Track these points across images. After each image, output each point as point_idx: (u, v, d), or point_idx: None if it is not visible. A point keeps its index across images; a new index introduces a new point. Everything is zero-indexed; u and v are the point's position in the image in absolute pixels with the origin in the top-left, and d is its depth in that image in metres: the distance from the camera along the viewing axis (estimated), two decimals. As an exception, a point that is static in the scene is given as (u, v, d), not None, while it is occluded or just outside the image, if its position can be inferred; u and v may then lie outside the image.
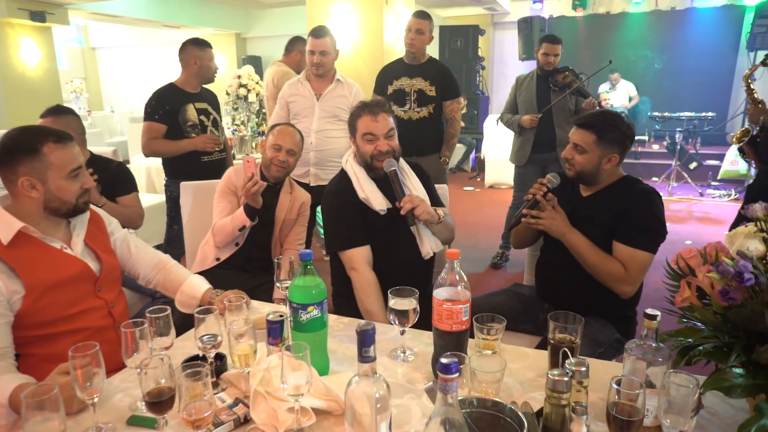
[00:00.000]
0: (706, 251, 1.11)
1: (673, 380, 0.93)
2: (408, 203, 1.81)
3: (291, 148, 2.24)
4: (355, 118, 1.94)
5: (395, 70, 3.44)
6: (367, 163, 1.93)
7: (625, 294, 1.76)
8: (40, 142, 1.37)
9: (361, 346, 0.86)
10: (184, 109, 3.08)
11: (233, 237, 2.15)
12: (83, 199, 1.47)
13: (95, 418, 1.08)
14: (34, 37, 7.48)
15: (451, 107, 3.41)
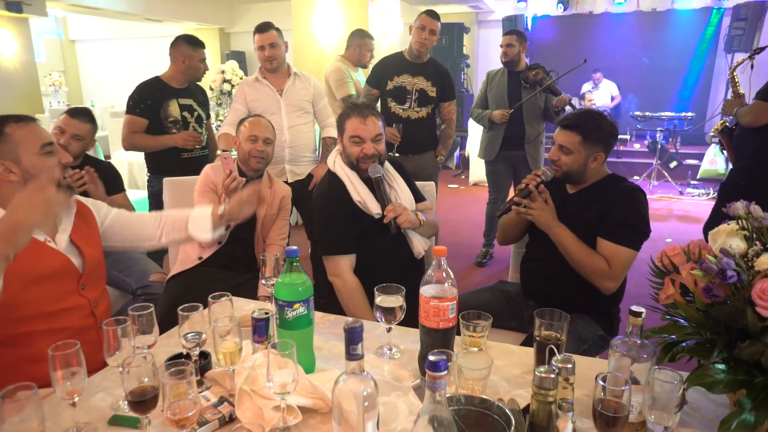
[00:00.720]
0: (689, 249, 1.12)
1: (658, 376, 0.94)
2: (391, 212, 1.83)
3: (267, 136, 2.23)
4: (344, 119, 1.93)
5: (396, 65, 3.40)
6: (353, 164, 1.93)
7: (608, 290, 1.78)
8: (2, 124, 1.36)
9: (349, 343, 0.85)
10: (166, 105, 3.04)
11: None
12: (65, 180, 1.43)
13: (75, 417, 1.06)
14: (10, 28, 7.32)
15: (448, 108, 3.44)
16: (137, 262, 2.55)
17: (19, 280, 1.32)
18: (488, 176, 4.10)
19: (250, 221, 2.22)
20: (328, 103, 3.20)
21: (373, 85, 3.47)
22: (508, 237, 2.12)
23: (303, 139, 3.06)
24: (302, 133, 3.05)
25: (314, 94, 3.10)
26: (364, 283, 1.85)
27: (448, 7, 9.20)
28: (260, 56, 3.01)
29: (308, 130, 3.11)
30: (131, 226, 1.68)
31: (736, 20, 7.49)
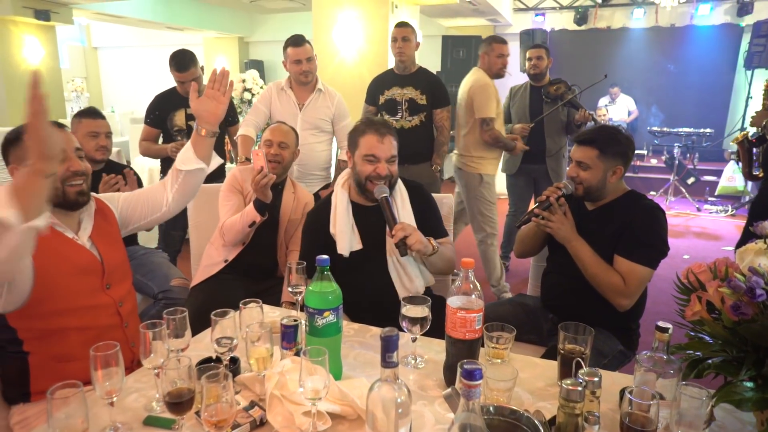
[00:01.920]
0: (716, 266, 1.13)
1: (685, 392, 0.95)
2: (400, 231, 1.67)
3: (282, 140, 2.27)
4: (358, 135, 1.83)
5: (386, 80, 3.49)
6: (361, 183, 1.82)
7: (622, 307, 1.78)
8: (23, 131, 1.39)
9: (385, 351, 0.87)
10: (173, 114, 3.20)
11: (243, 234, 2.15)
12: (73, 187, 1.44)
13: (113, 417, 1.09)
14: (38, 35, 7.50)
15: (440, 115, 3.44)
16: (159, 267, 2.60)
17: (50, 272, 1.36)
18: (509, 190, 4.11)
19: (272, 225, 2.26)
20: (351, 124, 3.18)
21: (369, 103, 3.56)
22: (526, 249, 2.13)
23: (314, 158, 3.06)
24: (314, 151, 3.06)
25: (335, 113, 3.09)
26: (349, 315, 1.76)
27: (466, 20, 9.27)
28: (295, 70, 2.99)
29: (322, 149, 3.11)
30: (143, 201, 1.69)
31: (756, 36, 7.47)
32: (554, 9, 9.54)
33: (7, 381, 1.43)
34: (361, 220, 1.86)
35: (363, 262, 1.83)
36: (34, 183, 1.13)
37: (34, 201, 1.13)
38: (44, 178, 1.13)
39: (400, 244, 1.67)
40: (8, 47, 7.15)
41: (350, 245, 1.82)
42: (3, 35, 7.08)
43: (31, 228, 1.10)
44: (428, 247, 1.75)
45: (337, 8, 5.34)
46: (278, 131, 2.31)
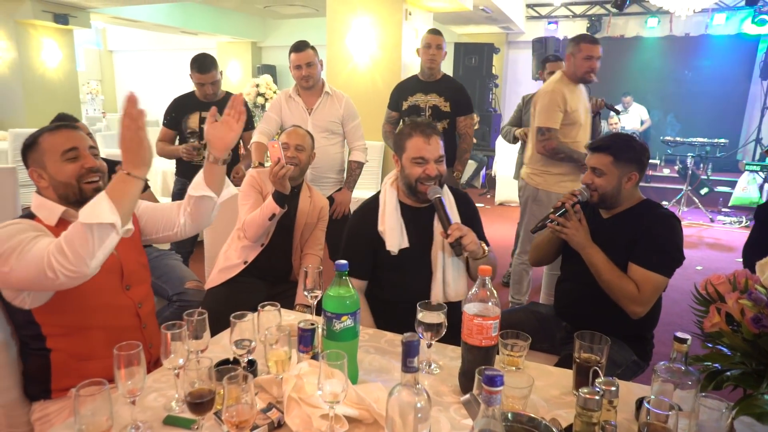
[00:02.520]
0: (735, 278, 1.13)
1: (705, 404, 0.95)
2: (456, 231, 1.69)
3: (298, 143, 2.29)
4: (405, 138, 1.83)
5: (410, 86, 3.52)
6: (411, 186, 1.82)
7: (636, 314, 1.77)
8: (38, 134, 1.46)
9: (406, 356, 0.88)
10: (187, 117, 3.29)
11: (264, 228, 2.14)
12: (89, 185, 1.46)
13: (134, 416, 1.11)
14: (56, 38, 7.61)
15: (464, 123, 3.47)
16: (174, 269, 2.62)
17: None
18: None
19: (288, 228, 2.27)
20: (360, 125, 3.20)
21: (392, 108, 3.61)
22: (541, 257, 2.14)
23: (327, 160, 3.08)
24: (327, 154, 3.08)
25: (344, 114, 3.11)
26: (376, 318, 1.81)
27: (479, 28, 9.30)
28: (296, 75, 3.06)
29: (335, 151, 3.14)
30: (159, 214, 1.71)
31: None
32: (567, 17, 9.54)
33: (29, 377, 1.46)
34: (409, 221, 1.87)
35: (408, 262, 1.85)
36: (127, 187, 1.28)
37: (127, 205, 1.28)
38: (137, 183, 1.29)
39: (456, 244, 1.69)
40: (27, 50, 7.27)
41: (399, 243, 1.82)
42: (22, 38, 7.20)
43: (128, 231, 1.27)
44: (480, 250, 1.76)
45: (351, 14, 5.38)
46: (294, 134, 2.34)
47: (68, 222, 1.43)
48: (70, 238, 1.22)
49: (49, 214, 1.42)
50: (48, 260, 1.20)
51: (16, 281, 1.28)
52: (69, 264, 1.20)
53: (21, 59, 7.20)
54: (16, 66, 7.24)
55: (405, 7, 5.25)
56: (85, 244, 1.21)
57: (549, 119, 3.00)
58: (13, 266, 1.24)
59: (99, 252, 1.23)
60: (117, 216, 1.23)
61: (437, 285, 1.85)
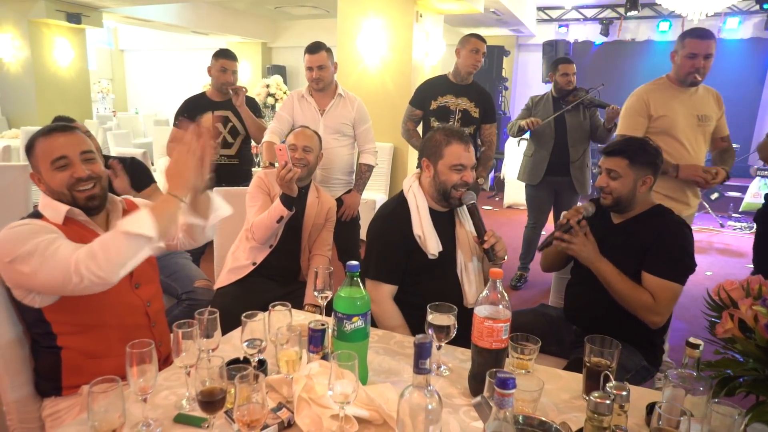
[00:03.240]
0: (749, 284, 1.13)
1: (717, 410, 0.94)
2: (492, 238, 1.75)
3: (306, 144, 2.29)
4: (443, 145, 1.83)
5: (440, 86, 3.49)
6: (446, 191, 1.83)
7: (655, 324, 1.77)
8: (35, 138, 1.46)
9: (418, 358, 0.88)
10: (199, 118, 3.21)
11: (272, 230, 2.14)
12: (81, 193, 1.44)
13: (145, 413, 1.12)
14: (69, 37, 7.69)
15: (489, 131, 3.48)
16: (183, 268, 2.64)
17: None
18: (528, 201, 4.08)
19: (296, 229, 2.28)
20: (370, 128, 3.20)
21: (416, 106, 3.56)
22: (551, 265, 2.14)
23: (337, 161, 3.09)
24: (337, 156, 3.09)
25: (356, 117, 3.12)
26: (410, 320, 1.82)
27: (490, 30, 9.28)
28: (307, 76, 3.06)
29: (345, 153, 3.14)
30: None
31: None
32: (578, 20, 9.50)
33: (40, 374, 1.47)
34: (436, 225, 1.88)
35: (439, 266, 1.86)
36: (169, 207, 1.32)
37: (165, 223, 1.31)
38: (178, 204, 1.33)
39: (490, 250, 1.75)
40: (40, 49, 7.34)
41: (437, 245, 1.83)
42: (36, 37, 7.27)
43: (159, 248, 1.32)
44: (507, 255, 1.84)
45: (361, 16, 5.39)
46: (302, 135, 2.34)
47: (74, 220, 1.45)
48: (106, 245, 1.25)
49: (54, 213, 1.42)
50: (76, 266, 1.23)
51: (38, 284, 1.30)
52: (99, 270, 1.23)
53: (34, 58, 7.28)
54: (29, 64, 7.32)
55: (416, 10, 5.25)
56: (121, 252, 1.24)
57: (625, 125, 2.68)
58: (36, 269, 1.26)
59: (130, 262, 1.27)
60: (155, 231, 1.27)
61: (471, 288, 1.88)
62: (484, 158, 3.51)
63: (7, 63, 7.45)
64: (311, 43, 3.07)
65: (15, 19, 7.21)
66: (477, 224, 1.81)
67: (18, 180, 3.13)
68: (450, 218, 1.90)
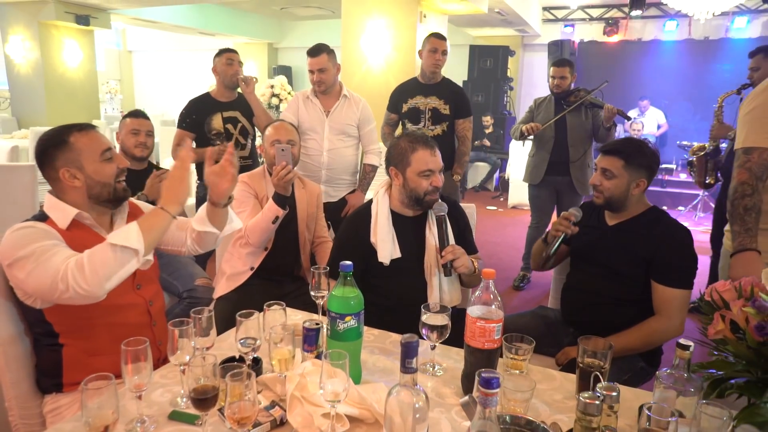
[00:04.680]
0: (741, 285, 1.12)
1: (706, 411, 0.94)
2: (450, 254, 1.74)
3: (289, 138, 2.27)
4: (409, 153, 1.84)
5: (410, 89, 3.53)
6: (418, 197, 1.85)
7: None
8: (66, 134, 1.47)
9: (405, 357, 0.89)
10: (210, 119, 3.26)
11: (267, 232, 2.14)
12: (121, 184, 1.52)
13: (140, 410, 1.14)
14: (78, 39, 7.76)
15: (463, 125, 3.47)
16: (185, 266, 2.66)
17: None
18: (531, 201, 4.09)
19: (291, 224, 2.27)
20: (375, 129, 3.21)
21: (391, 110, 3.61)
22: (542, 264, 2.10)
23: (342, 162, 3.11)
24: (342, 156, 3.10)
25: (361, 117, 3.13)
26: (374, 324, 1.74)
27: (494, 30, 9.28)
28: (309, 79, 3.08)
29: (350, 153, 3.15)
30: (174, 229, 1.73)
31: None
32: (584, 20, 9.47)
33: (41, 371, 1.49)
34: (399, 230, 1.90)
35: (400, 269, 1.87)
36: (158, 221, 1.37)
37: (153, 237, 1.36)
38: (168, 219, 1.38)
39: (446, 266, 1.74)
40: (49, 50, 7.42)
41: (390, 253, 1.85)
42: (45, 39, 7.35)
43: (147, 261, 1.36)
44: (471, 269, 1.81)
45: (366, 16, 5.40)
46: (284, 130, 2.31)
47: (81, 224, 1.47)
48: (93, 256, 1.28)
49: (62, 215, 1.44)
50: (63, 274, 1.25)
51: (30, 290, 1.33)
52: (84, 282, 1.25)
53: (44, 59, 7.36)
54: (38, 66, 7.39)
55: (420, 10, 5.26)
56: (106, 263, 1.27)
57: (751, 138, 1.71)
58: (28, 274, 1.28)
59: (116, 275, 1.29)
60: (142, 245, 1.31)
61: (434, 292, 1.87)
62: (459, 154, 3.50)
63: (17, 65, 7.53)
64: (312, 47, 3.08)
65: (25, 21, 7.28)
66: (441, 237, 1.80)
67: (25, 180, 3.16)
68: (420, 223, 1.90)
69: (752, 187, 1.66)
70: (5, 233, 1.36)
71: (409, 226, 1.91)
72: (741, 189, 1.68)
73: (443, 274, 1.79)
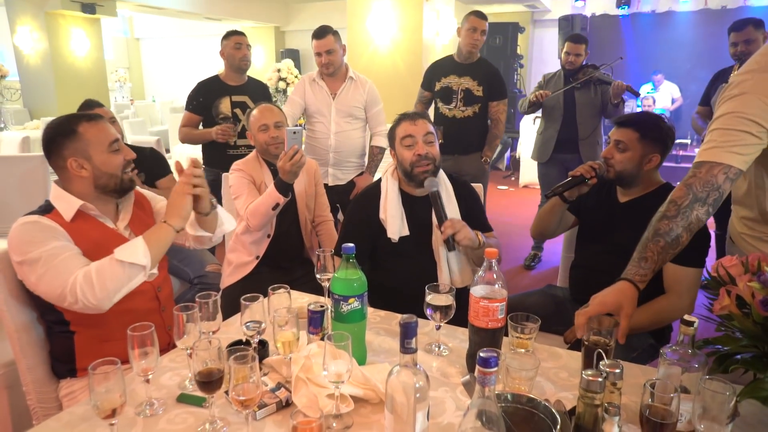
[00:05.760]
0: (747, 260, 1.11)
1: (709, 387, 0.94)
2: (449, 228, 1.70)
3: (277, 120, 2.22)
4: (394, 128, 1.91)
5: (445, 67, 3.47)
6: (408, 172, 1.85)
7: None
8: (75, 124, 1.48)
9: (404, 337, 0.90)
10: (218, 102, 3.24)
11: (268, 217, 2.10)
12: (128, 175, 1.53)
13: (148, 393, 1.16)
14: (85, 28, 7.76)
15: (496, 108, 3.43)
16: (195, 253, 2.69)
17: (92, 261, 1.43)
18: (540, 179, 4.07)
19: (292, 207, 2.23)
20: (382, 110, 3.19)
21: (425, 88, 3.56)
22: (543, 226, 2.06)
23: (349, 144, 3.11)
24: (350, 138, 3.10)
25: (367, 99, 3.11)
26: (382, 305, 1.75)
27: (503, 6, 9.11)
28: (317, 62, 3.05)
29: (357, 135, 3.15)
30: None
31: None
32: (595, -7, 9.26)
33: (55, 357, 1.53)
34: (409, 209, 1.91)
35: (409, 249, 1.88)
36: (162, 235, 1.43)
37: (158, 250, 1.42)
38: (172, 233, 1.44)
39: (449, 240, 1.71)
40: (57, 40, 7.44)
41: (399, 230, 1.86)
42: (52, 28, 7.36)
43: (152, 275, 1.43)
44: (476, 242, 1.76)
45: (371, -4, 5.34)
46: (269, 112, 2.24)
47: (86, 215, 1.48)
48: (102, 271, 1.33)
49: (67, 206, 1.45)
50: (72, 286, 1.31)
51: (40, 293, 1.38)
52: (93, 297, 1.32)
53: (51, 49, 7.38)
54: (47, 56, 7.42)
55: (425, -12, 5.18)
56: (115, 279, 1.33)
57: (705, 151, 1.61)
58: (39, 277, 1.34)
59: (124, 288, 1.36)
60: (149, 260, 1.38)
61: (443, 273, 1.88)
62: (491, 137, 3.48)
63: (26, 55, 7.57)
64: (317, 29, 3.05)
65: (32, 12, 7.30)
66: (438, 213, 1.77)
67: (37, 170, 3.20)
68: (428, 202, 1.87)
69: (678, 210, 1.38)
70: (12, 229, 1.39)
71: (418, 206, 1.91)
72: (665, 208, 1.42)
73: (447, 250, 1.76)
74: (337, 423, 1.09)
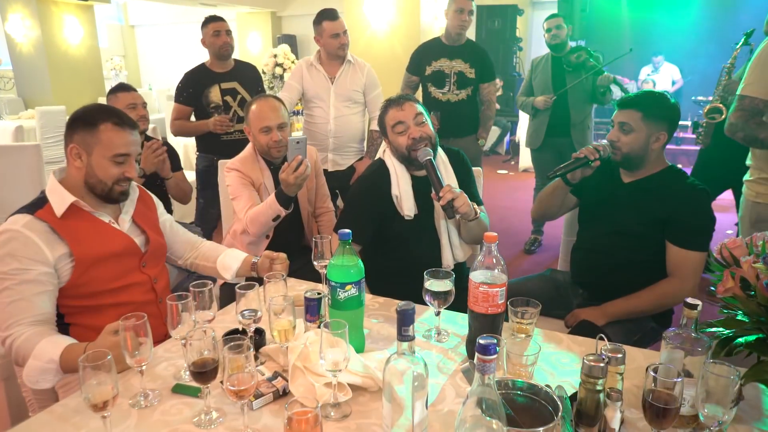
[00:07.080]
0: (752, 242, 1.09)
1: (713, 370, 0.92)
2: (448, 193, 1.66)
3: (280, 122, 2.07)
4: (383, 116, 1.88)
5: (433, 50, 3.42)
6: (405, 156, 1.82)
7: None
8: (101, 119, 1.43)
9: (401, 325, 0.88)
10: (207, 91, 3.20)
11: (267, 226, 2.03)
12: (120, 187, 1.48)
13: (143, 384, 1.14)
14: (77, 15, 7.65)
15: (488, 89, 3.40)
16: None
17: (89, 260, 1.42)
18: (534, 164, 4.07)
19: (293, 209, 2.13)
20: (381, 94, 3.14)
21: (412, 72, 3.50)
22: (544, 209, 2.05)
23: (349, 129, 3.07)
24: (349, 123, 3.07)
25: (366, 83, 3.08)
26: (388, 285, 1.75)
27: (501, -12, 8.96)
28: (334, 44, 2.96)
29: (356, 120, 3.12)
30: (174, 239, 1.77)
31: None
32: (595, -27, 9.11)
33: (50, 348, 1.51)
34: (414, 189, 1.88)
35: (416, 230, 1.87)
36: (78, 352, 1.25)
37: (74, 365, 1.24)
38: None
39: (448, 207, 1.67)
40: (49, 27, 7.33)
41: (413, 207, 1.84)
42: (45, 16, 7.25)
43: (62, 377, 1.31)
44: (471, 210, 1.73)
45: (368, -21, 5.25)
46: (272, 112, 2.06)
47: (79, 210, 1.44)
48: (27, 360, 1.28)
49: (60, 201, 1.41)
50: (11, 342, 1.31)
51: None
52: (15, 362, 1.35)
53: (45, 37, 7.27)
54: (40, 44, 7.32)
55: (423, -30, 5.10)
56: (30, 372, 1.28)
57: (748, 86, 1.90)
58: None
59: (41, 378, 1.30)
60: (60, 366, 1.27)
61: (446, 249, 1.87)
62: (484, 118, 3.45)
63: (19, 44, 7.46)
64: (328, 11, 2.99)
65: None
66: (433, 180, 1.72)
67: (31, 160, 3.16)
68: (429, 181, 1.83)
69: None
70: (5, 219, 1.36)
71: (420, 185, 1.87)
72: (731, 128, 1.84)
73: (447, 217, 1.73)
74: (335, 412, 1.08)
